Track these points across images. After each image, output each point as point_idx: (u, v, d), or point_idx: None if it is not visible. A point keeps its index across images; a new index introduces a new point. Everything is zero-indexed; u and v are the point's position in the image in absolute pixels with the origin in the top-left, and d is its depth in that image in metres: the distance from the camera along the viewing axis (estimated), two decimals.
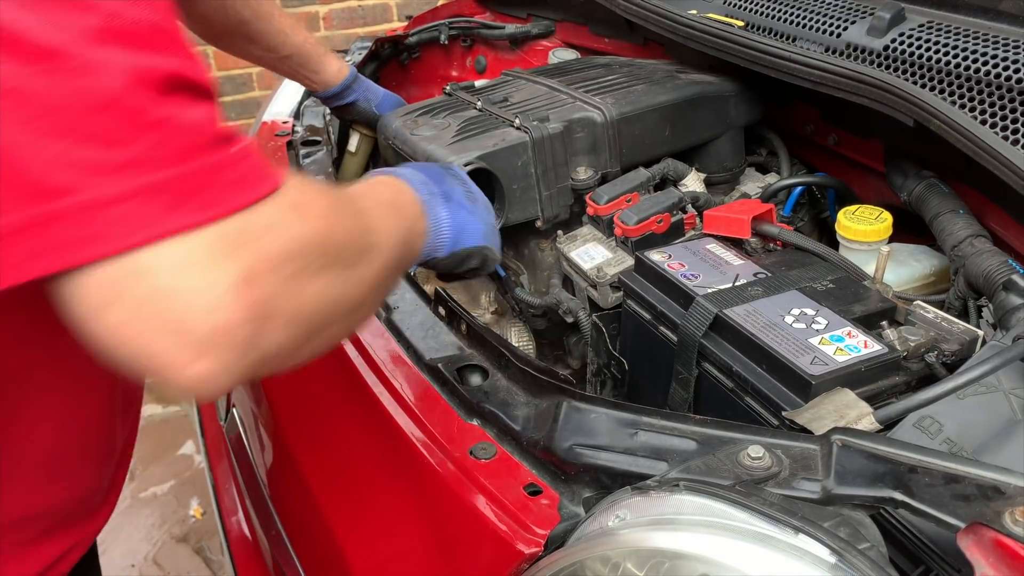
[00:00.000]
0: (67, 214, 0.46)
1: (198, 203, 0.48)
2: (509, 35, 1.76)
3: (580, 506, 0.71)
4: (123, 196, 0.47)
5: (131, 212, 0.47)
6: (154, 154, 0.47)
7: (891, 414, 0.74)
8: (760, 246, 1.10)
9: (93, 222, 0.46)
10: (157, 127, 0.48)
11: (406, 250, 0.75)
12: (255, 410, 1.12)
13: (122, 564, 2.06)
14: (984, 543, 0.55)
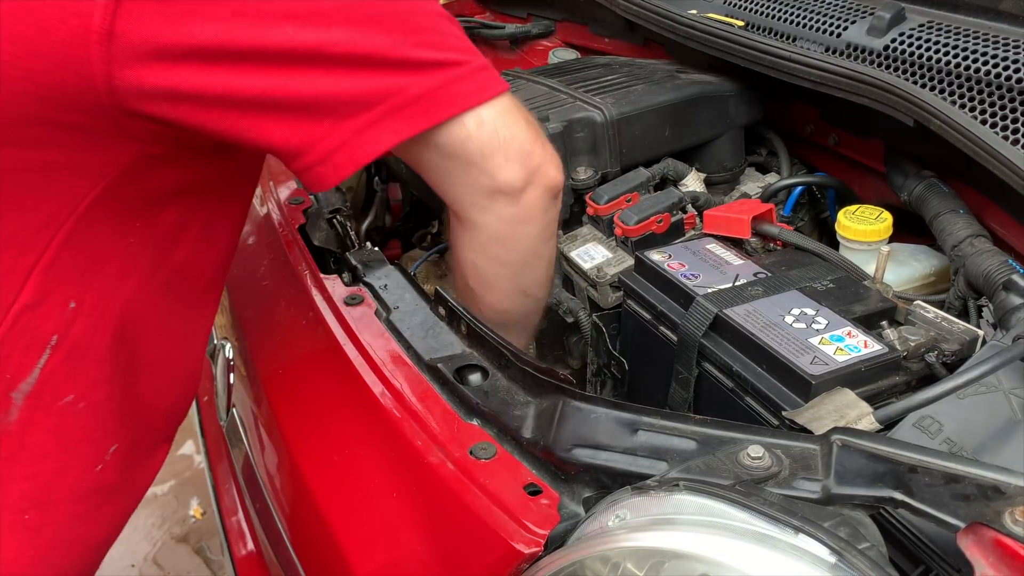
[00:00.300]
0: (477, 68, 0.77)
1: (498, 79, 0.79)
2: (509, 35, 1.76)
3: (580, 506, 0.71)
4: (487, 64, 0.78)
5: (492, 75, 0.78)
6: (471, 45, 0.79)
7: (891, 414, 0.74)
8: (760, 246, 1.10)
9: (484, 77, 0.77)
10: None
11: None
12: (255, 410, 1.12)
13: (122, 564, 2.06)
14: (984, 543, 0.55)
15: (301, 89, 0.70)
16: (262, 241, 1.29)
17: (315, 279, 1.07)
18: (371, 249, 1.10)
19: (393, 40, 0.71)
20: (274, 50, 0.68)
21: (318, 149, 0.72)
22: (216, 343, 1.27)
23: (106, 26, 0.64)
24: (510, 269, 0.88)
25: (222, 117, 0.70)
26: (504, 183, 0.79)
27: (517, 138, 0.79)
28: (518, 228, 0.83)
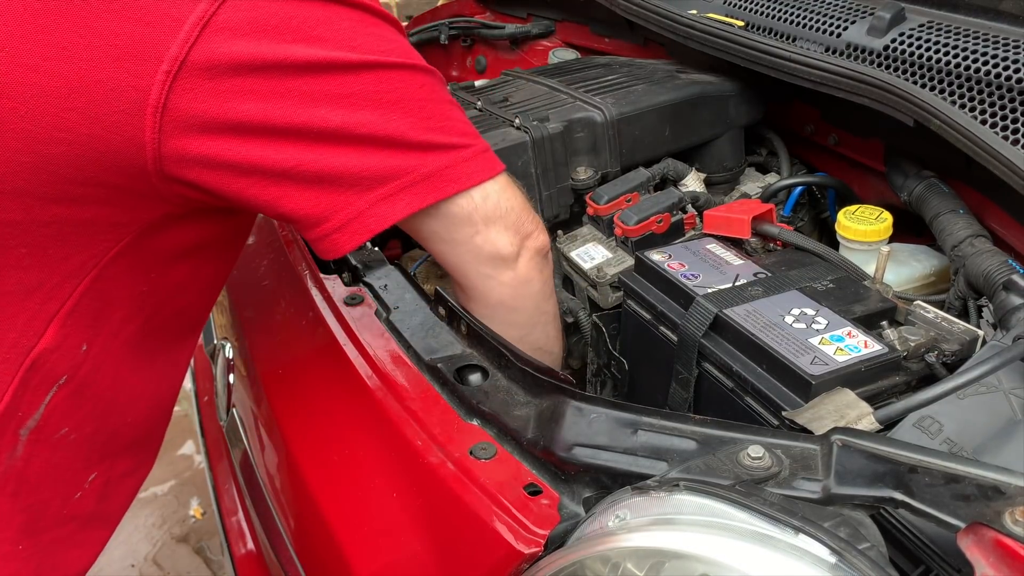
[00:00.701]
0: (481, 149, 0.85)
1: (496, 160, 0.87)
2: (509, 35, 1.76)
3: (580, 506, 0.71)
4: (486, 148, 0.86)
5: (492, 157, 0.86)
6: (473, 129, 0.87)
7: (891, 414, 0.74)
8: (760, 246, 1.10)
9: (487, 159, 0.85)
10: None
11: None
12: (255, 410, 1.12)
13: (122, 564, 2.06)
14: (984, 543, 0.55)
15: (329, 164, 0.77)
16: (262, 241, 1.29)
17: (315, 279, 1.07)
18: (371, 249, 1.10)
19: (412, 123, 0.80)
20: (309, 128, 0.75)
21: (336, 218, 0.79)
22: (216, 343, 1.27)
23: (162, 100, 0.70)
24: (520, 330, 0.95)
25: (254, 185, 0.77)
26: (502, 249, 0.88)
27: (514, 210, 0.88)
28: (520, 290, 0.92)
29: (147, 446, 0.99)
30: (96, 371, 0.85)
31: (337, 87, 0.75)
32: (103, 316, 0.84)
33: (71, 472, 0.88)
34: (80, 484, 0.89)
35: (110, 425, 0.90)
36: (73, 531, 0.90)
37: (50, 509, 0.87)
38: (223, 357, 1.22)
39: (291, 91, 0.74)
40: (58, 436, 0.85)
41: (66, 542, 0.89)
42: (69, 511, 0.89)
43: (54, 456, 0.85)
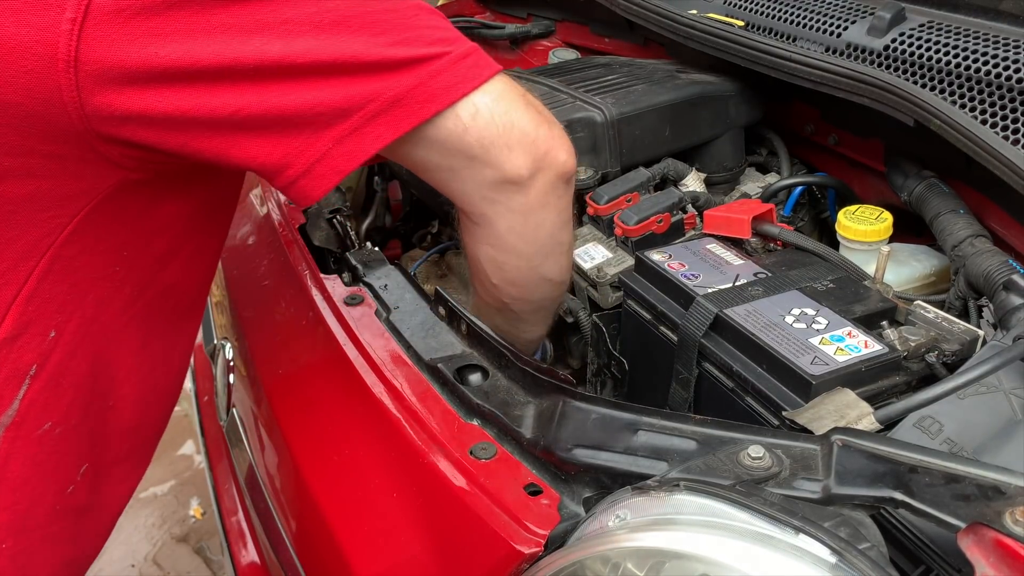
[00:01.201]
0: (458, 56, 0.74)
1: (486, 63, 0.76)
2: (509, 35, 1.76)
3: (580, 506, 0.71)
4: (472, 50, 0.75)
5: (477, 60, 0.75)
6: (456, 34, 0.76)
7: (891, 414, 0.74)
8: (760, 246, 1.10)
9: (469, 64, 0.74)
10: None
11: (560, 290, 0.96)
12: (255, 410, 1.12)
13: (122, 564, 2.06)
14: (984, 543, 0.55)
15: (275, 104, 0.69)
16: (262, 241, 1.29)
17: (315, 279, 1.07)
18: (371, 249, 1.10)
19: (364, 43, 0.70)
20: (242, 65, 0.67)
21: (299, 163, 0.72)
22: (216, 343, 1.27)
23: (72, 53, 0.63)
24: (529, 260, 0.86)
25: (198, 138, 0.70)
26: (511, 173, 0.76)
27: (518, 124, 0.76)
28: (532, 217, 0.81)
29: (141, 435, 0.94)
30: (72, 358, 0.79)
31: (269, 13, 0.67)
32: (72, 300, 0.77)
33: (62, 467, 0.83)
34: (72, 477, 0.84)
35: (95, 412, 0.84)
36: (69, 525, 0.86)
37: (41, 506, 0.82)
38: (223, 357, 1.22)
39: (217, 25, 0.66)
40: (41, 431, 0.80)
41: (58, 538, 0.85)
42: (62, 506, 0.84)
43: (40, 452, 0.80)
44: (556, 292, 0.94)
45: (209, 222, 0.88)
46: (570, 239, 0.89)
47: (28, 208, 0.72)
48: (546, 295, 0.94)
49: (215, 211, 0.88)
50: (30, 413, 0.79)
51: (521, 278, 0.88)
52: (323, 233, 1.20)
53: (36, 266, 0.74)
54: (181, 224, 0.83)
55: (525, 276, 0.88)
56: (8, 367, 0.76)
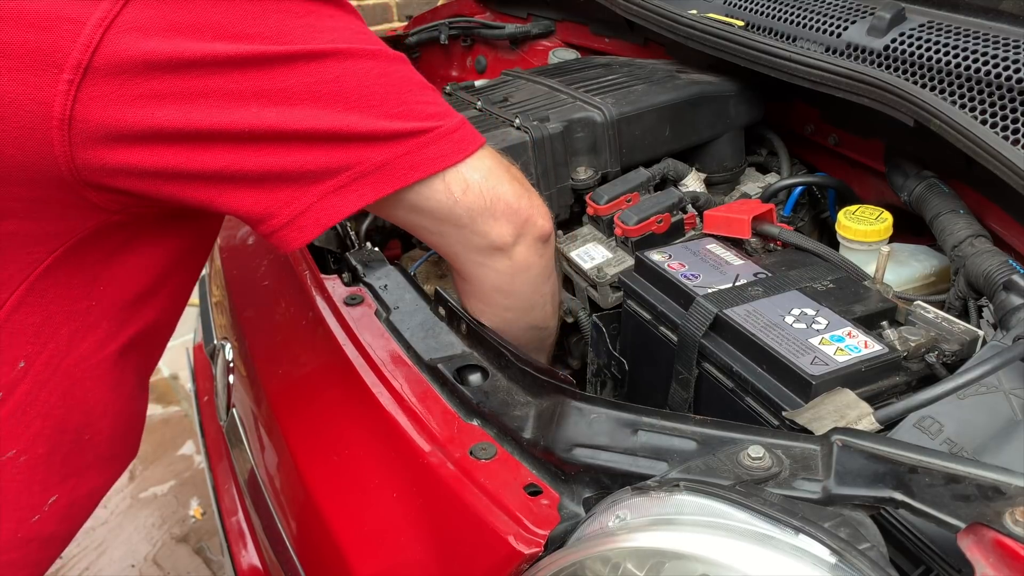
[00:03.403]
0: (446, 132, 0.77)
1: (472, 137, 0.80)
2: (509, 35, 1.76)
3: (580, 506, 0.71)
4: (459, 125, 0.79)
5: (466, 133, 0.79)
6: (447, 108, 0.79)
7: (891, 414, 0.74)
8: (760, 246, 1.10)
9: (458, 138, 0.77)
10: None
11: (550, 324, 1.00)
12: (255, 410, 1.12)
13: (122, 564, 2.06)
14: (984, 543, 0.55)
15: (265, 163, 0.71)
16: (262, 241, 1.29)
17: (315, 279, 1.07)
18: (371, 249, 1.10)
19: (359, 115, 0.72)
20: (237, 130, 0.68)
21: (283, 214, 0.74)
22: (216, 343, 1.26)
23: (67, 113, 0.64)
24: (515, 313, 0.92)
25: (186, 189, 0.71)
26: (496, 240, 0.82)
27: (503, 197, 0.81)
28: (516, 278, 0.87)
29: (118, 461, 0.94)
30: (41, 389, 0.79)
31: (268, 83, 0.69)
32: (44, 332, 0.78)
33: (26, 495, 0.83)
34: (38, 507, 0.84)
35: (67, 445, 0.84)
36: (30, 552, 0.85)
37: (3, 533, 0.81)
38: (223, 357, 1.22)
39: (216, 90, 0.67)
40: (4, 458, 0.79)
41: (21, 564, 0.85)
42: (24, 534, 0.84)
43: (2, 479, 0.79)
44: (542, 335, 1.00)
45: (189, 261, 0.89)
46: (553, 288, 0.96)
47: (8, 245, 0.73)
48: (533, 339, 1.00)
49: (194, 251, 0.90)
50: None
51: (507, 328, 0.94)
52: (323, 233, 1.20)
53: (10, 297, 0.75)
54: (161, 265, 0.84)
55: (511, 326, 0.93)
56: None
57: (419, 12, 1.98)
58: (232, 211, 0.74)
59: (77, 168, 0.67)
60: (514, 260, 0.85)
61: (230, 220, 1.47)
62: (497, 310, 0.90)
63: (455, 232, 0.82)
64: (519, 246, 0.85)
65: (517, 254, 0.85)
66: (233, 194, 0.72)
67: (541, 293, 0.93)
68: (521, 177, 0.86)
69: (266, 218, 0.74)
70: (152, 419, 2.50)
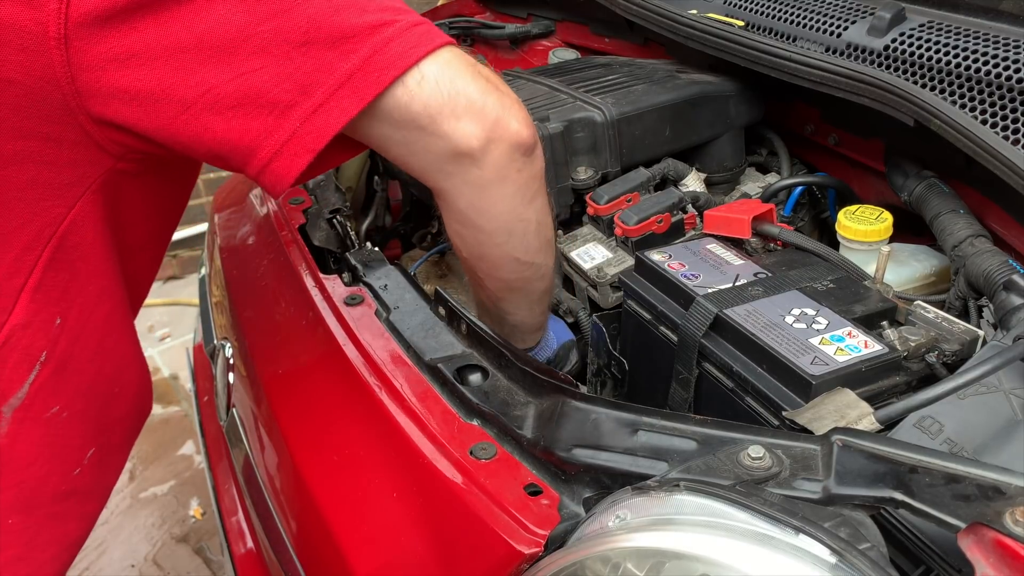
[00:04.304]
0: (408, 25, 0.74)
1: (436, 33, 0.76)
2: (509, 35, 1.76)
3: (580, 506, 0.71)
4: (421, 20, 0.76)
5: (428, 29, 0.76)
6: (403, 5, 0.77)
7: (891, 414, 0.74)
8: (760, 246, 1.10)
9: (419, 33, 0.74)
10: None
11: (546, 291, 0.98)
12: (255, 410, 1.12)
13: (122, 564, 2.06)
14: (985, 543, 0.55)
15: (241, 82, 0.72)
16: (262, 241, 1.29)
17: (315, 279, 1.07)
18: (371, 249, 1.10)
19: (317, 9, 0.72)
20: (210, 39, 0.71)
21: (270, 143, 0.73)
22: (216, 343, 1.26)
23: (61, 31, 0.69)
24: (492, 237, 0.85)
25: (174, 122, 0.73)
26: (461, 144, 0.76)
27: (463, 91, 0.75)
28: (489, 191, 0.80)
29: (135, 424, 1.00)
30: (74, 345, 0.84)
31: None
32: (73, 288, 0.82)
33: (69, 449, 0.88)
34: (79, 460, 0.89)
35: (100, 399, 0.90)
36: (73, 505, 0.91)
37: (47, 486, 0.87)
38: (223, 357, 1.22)
39: (185, 6, 0.70)
40: (49, 415, 0.84)
41: (65, 516, 0.90)
42: (70, 486, 0.89)
43: (47, 435, 0.85)
44: (527, 273, 0.92)
45: (174, 215, 0.96)
46: (538, 217, 0.87)
47: (29, 195, 0.76)
48: (515, 276, 0.92)
49: (178, 204, 0.96)
50: (38, 397, 0.83)
51: (487, 254, 0.88)
52: (323, 233, 1.20)
53: (40, 256, 0.79)
54: (155, 217, 0.90)
55: (490, 253, 0.88)
56: (19, 352, 0.81)
57: (419, 12, 1.98)
58: (219, 145, 0.74)
59: (79, 92, 0.71)
60: (485, 170, 0.78)
61: (230, 220, 1.47)
62: (473, 232, 0.83)
63: (418, 138, 0.76)
64: (491, 153, 0.77)
65: (488, 163, 0.77)
66: (217, 124, 0.73)
67: (522, 217, 0.84)
68: (492, 75, 0.79)
69: (254, 150, 0.74)
70: (152, 419, 2.49)
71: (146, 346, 2.81)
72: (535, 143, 0.81)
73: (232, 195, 1.54)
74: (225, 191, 1.61)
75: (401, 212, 1.59)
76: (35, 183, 0.76)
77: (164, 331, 2.92)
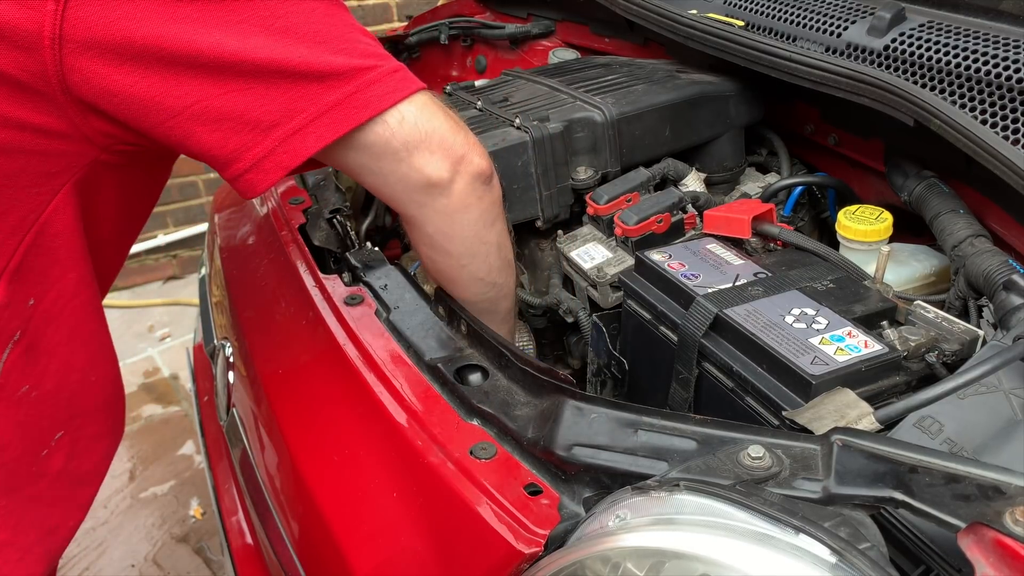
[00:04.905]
0: (388, 71, 0.82)
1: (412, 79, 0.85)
2: (509, 35, 1.76)
3: (580, 506, 0.71)
4: (399, 67, 0.83)
5: (406, 75, 0.84)
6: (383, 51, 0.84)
7: (891, 414, 0.74)
8: (760, 246, 1.10)
9: (398, 79, 0.83)
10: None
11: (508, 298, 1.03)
12: (255, 410, 1.12)
13: (122, 564, 2.06)
14: (984, 543, 0.55)
15: (228, 101, 0.77)
16: (262, 241, 1.29)
17: (315, 279, 1.07)
18: (371, 249, 1.10)
19: (308, 48, 0.79)
20: (203, 56, 0.75)
21: (248, 157, 0.80)
22: (216, 343, 1.26)
23: (56, 31, 0.72)
24: (458, 259, 0.93)
25: (162, 126, 0.78)
26: (433, 175, 0.85)
27: (438, 131, 0.84)
28: (455, 218, 0.89)
29: (116, 409, 1.01)
30: (47, 326, 0.87)
31: (227, 13, 0.76)
32: (52, 273, 0.85)
33: (37, 430, 0.90)
34: (46, 442, 0.91)
35: (70, 385, 0.92)
36: (45, 488, 0.92)
37: (22, 466, 0.89)
38: (223, 357, 1.22)
39: (183, 16, 0.75)
40: (20, 394, 0.86)
41: (39, 499, 0.91)
42: (38, 468, 0.91)
43: (19, 413, 0.87)
44: (491, 293, 0.99)
45: (144, 208, 0.99)
46: (498, 239, 0.96)
47: (16, 183, 0.80)
48: (481, 295, 0.99)
49: (149, 196, 0.99)
50: (11, 376, 0.85)
51: (454, 276, 0.96)
52: (323, 233, 1.20)
53: (23, 240, 0.82)
54: (126, 210, 0.93)
55: (457, 274, 0.95)
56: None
57: (419, 12, 1.98)
58: (202, 152, 0.80)
59: (69, 89, 0.75)
60: (451, 199, 0.87)
61: (230, 220, 1.47)
62: (441, 256, 0.92)
63: (393, 168, 0.84)
64: (456, 184, 0.86)
65: (455, 192, 0.87)
66: (202, 134, 0.78)
67: (484, 240, 0.93)
68: (456, 117, 0.89)
69: (232, 160, 0.80)
70: (152, 419, 2.50)
71: (146, 346, 2.82)
72: (492, 173, 0.91)
73: (232, 195, 1.54)
74: (225, 191, 1.61)
75: None
76: (23, 172, 0.79)
77: (164, 331, 2.92)
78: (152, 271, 3.23)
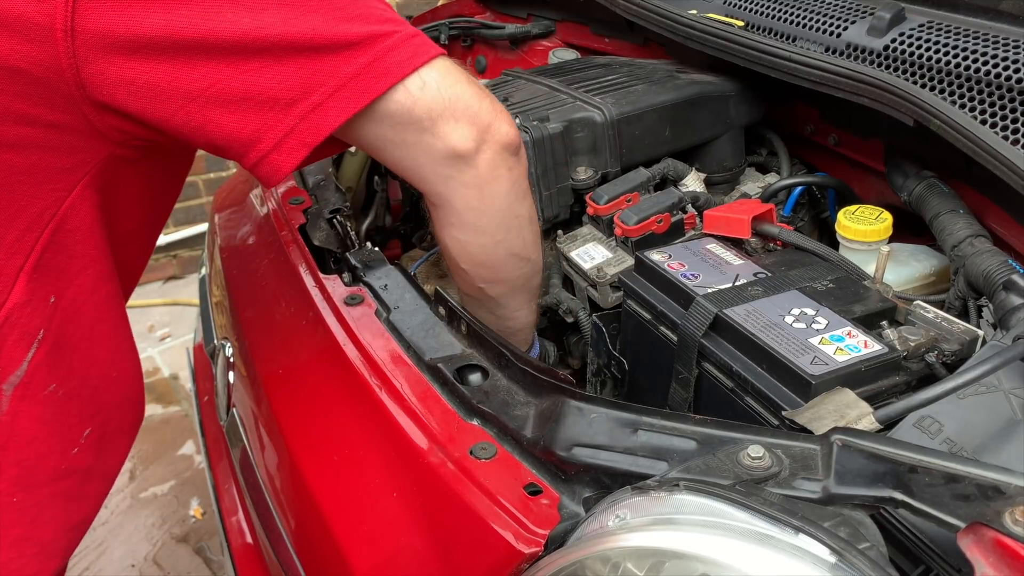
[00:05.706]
0: (406, 37, 0.79)
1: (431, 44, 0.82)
2: (509, 35, 1.76)
3: (580, 506, 0.71)
4: (417, 32, 0.80)
5: (424, 40, 0.81)
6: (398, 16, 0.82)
7: (891, 414, 0.74)
8: (760, 246, 1.10)
9: (417, 43, 0.79)
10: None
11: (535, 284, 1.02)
12: (255, 410, 1.12)
13: (122, 564, 2.06)
14: (984, 543, 0.55)
15: (245, 80, 0.75)
16: (262, 241, 1.29)
17: (315, 279, 1.07)
18: (371, 249, 1.10)
19: (322, 18, 0.76)
20: (216, 38, 0.73)
21: (269, 137, 0.77)
22: (216, 343, 1.27)
23: (68, 23, 0.71)
24: (492, 236, 0.90)
25: (178, 114, 0.76)
26: (458, 145, 0.81)
27: (462, 97, 0.81)
28: (486, 190, 0.85)
29: (130, 408, 1.01)
30: (68, 323, 0.86)
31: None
32: (71, 269, 0.84)
33: (66, 427, 0.89)
34: (76, 439, 0.90)
35: (94, 380, 0.91)
36: (74, 484, 0.91)
37: (47, 463, 0.88)
38: (223, 357, 1.22)
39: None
40: (47, 392, 0.86)
41: (67, 495, 0.91)
42: (68, 465, 0.90)
43: (46, 412, 0.86)
44: (526, 269, 0.97)
45: (167, 203, 0.98)
46: (529, 213, 0.93)
47: (31, 179, 0.79)
48: (516, 273, 0.97)
49: (171, 191, 0.97)
50: (37, 374, 0.84)
51: (488, 257, 0.93)
52: (323, 233, 1.20)
53: (40, 237, 0.81)
54: (149, 205, 0.92)
55: (491, 254, 0.92)
56: (18, 330, 0.83)
57: (419, 12, 1.98)
58: (222, 138, 0.77)
59: (83, 83, 0.73)
60: (480, 170, 0.83)
61: (230, 220, 1.47)
62: (473, 234, 0.88)
63: (417, 139, 0.81)
64: (484, 153, 0.83)
65: (482, 163, 0.83)
66: (220, 118, 0.76)
67: (516, 214, 0.90)
68: (481, 85, 0.86)
69: (253, 143, 0.77)
70: (152, 419, 2.49)
71: (146, 346, 2.82)
72: (520, 144, 0.87)
73: (232, 195, 1.54)
74: (225, 191, 1.61)
75: (401, 212, 1.59)
76: (37, 167, 0.78)
77: (164, 331, 2.92)
78: (152, 271, 3.23)
